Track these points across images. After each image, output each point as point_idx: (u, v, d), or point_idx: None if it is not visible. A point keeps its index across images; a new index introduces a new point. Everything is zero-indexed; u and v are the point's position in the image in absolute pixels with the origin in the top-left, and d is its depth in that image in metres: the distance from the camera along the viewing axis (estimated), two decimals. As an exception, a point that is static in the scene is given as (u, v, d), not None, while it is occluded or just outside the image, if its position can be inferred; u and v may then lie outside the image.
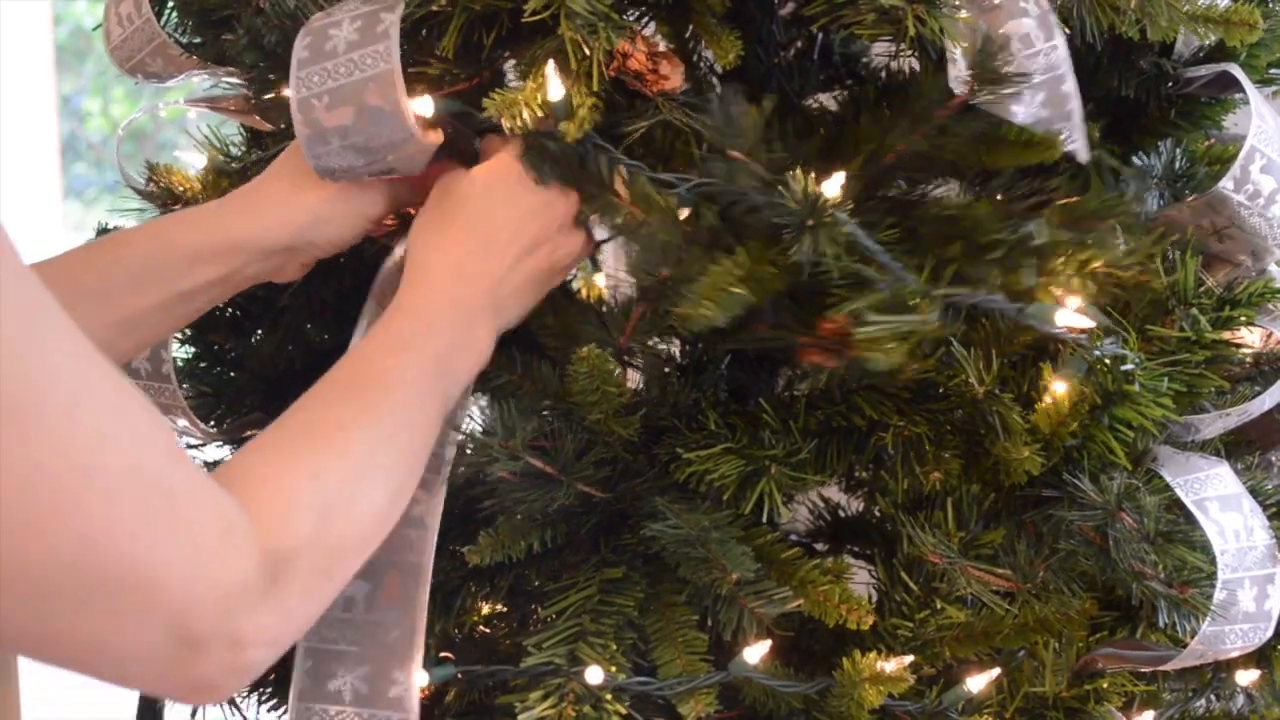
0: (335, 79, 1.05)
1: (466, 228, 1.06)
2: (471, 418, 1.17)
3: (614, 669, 1.10)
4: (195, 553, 0.76)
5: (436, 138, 1.10)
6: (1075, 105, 1.10)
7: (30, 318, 0.71)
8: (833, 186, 1.01)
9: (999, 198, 1.16)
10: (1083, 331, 1.06)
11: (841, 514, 1.40)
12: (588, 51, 1.05)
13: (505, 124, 1.07)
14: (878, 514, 1.27)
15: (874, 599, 1.20)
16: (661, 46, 1.16)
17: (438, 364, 1.00)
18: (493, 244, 1.06)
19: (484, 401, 1.19)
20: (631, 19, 1.19)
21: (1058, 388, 1.12)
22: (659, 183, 1.07)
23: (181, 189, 1.24)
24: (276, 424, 0.91)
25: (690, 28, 1.24)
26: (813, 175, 1.00)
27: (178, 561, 0.75)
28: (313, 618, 0.87)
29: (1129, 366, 1.08)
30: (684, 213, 1.07)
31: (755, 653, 1.11)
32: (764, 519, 1.12)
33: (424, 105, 1.08)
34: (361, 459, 0.90)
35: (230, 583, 0.78)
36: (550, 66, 1.05)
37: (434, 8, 1.10)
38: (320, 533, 0.85)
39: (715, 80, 1.27)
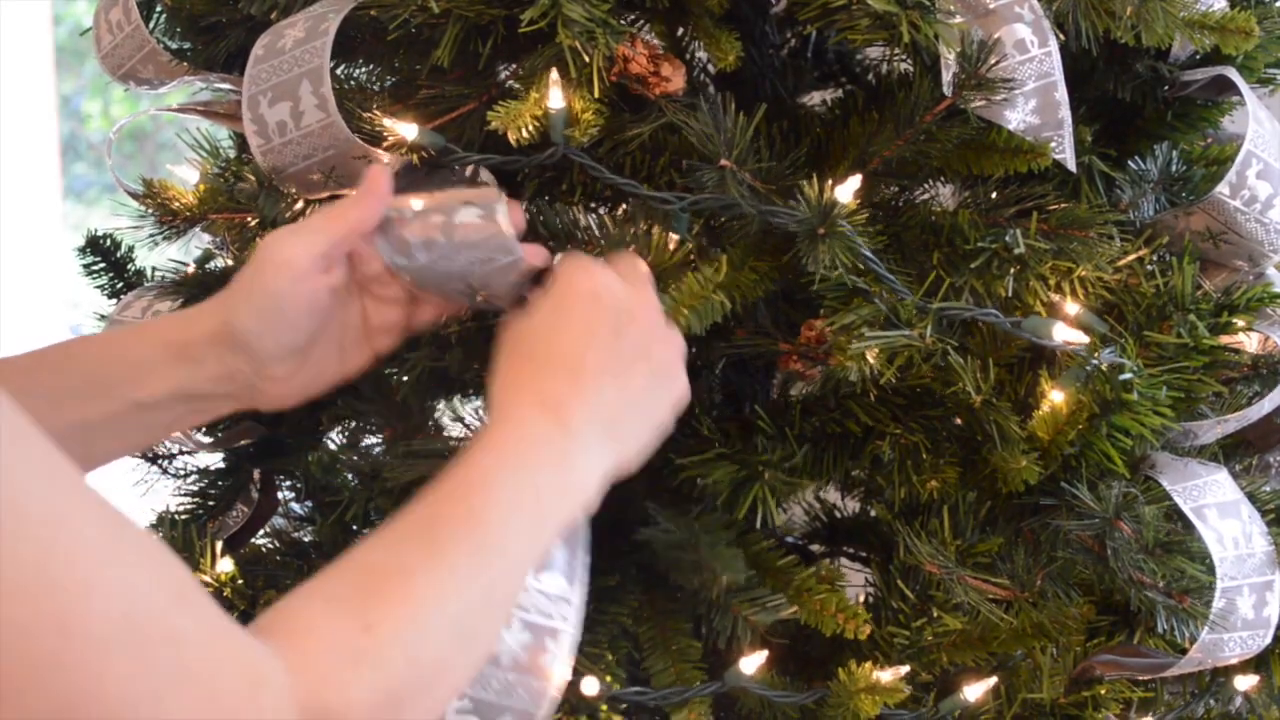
0: (279, 74, 1.05)
1: (546, 355, 0.94)
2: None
3: (609, 678, 1.10)
4: (213, 708, 0.67)
5: (385, 156, 1.05)
6: (1066, 113, 1.09)
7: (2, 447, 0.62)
8: (846, 193, 1.00)
9: (991, 198, 1.15)
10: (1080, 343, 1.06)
11: (838, 514, 1.40)
12: (587, 59, 1.04)
13: (511, 136, 1.05)
14: (873, 515, 1.26)
15: (869, 600, 1.19)
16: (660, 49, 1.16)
17: (527, 503, 0.88)
18: (581, 369, 0.93)
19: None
20: (628, 22, 1.18)
21: (1055, 396, 1.12)
22: (652, 198, 1.06)
23: (177, 204, 1.23)
24: (330, 567, 0.80)
25: (683, 29, 1.23)
26: (829, 183, 0.99)
27: (190, 718, 0.67)
28: None
29: (1127, 376, 1.07)
30: (674, 240, 1.06)
31: (751, 663, 1.10)
32: (758, 525, 1.11)
33: (408, 129, 1.07)
34: (427, 607, 0.79)
35: None
36: (554, 75, 1.04)
37: (427, 18, 1.09)
38: (377, 692, 0.75)
39: (709, 81, 1.26)
